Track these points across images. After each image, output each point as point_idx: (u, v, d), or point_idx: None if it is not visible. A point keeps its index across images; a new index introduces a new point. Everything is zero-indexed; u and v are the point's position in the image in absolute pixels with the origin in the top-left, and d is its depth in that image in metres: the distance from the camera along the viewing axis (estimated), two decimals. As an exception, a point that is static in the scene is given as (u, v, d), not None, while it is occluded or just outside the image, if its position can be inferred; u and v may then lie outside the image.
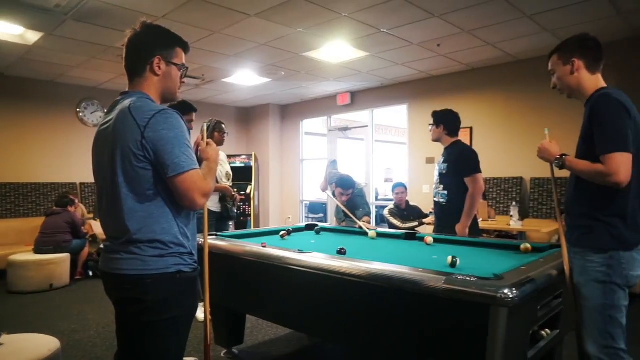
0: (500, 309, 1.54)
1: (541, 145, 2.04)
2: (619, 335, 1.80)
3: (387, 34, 4.90)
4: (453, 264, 2.03)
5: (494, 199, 5.93)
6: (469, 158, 3.26)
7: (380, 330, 1.93)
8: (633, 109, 1.83)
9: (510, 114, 5.99)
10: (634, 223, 1.85)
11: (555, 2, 4.10)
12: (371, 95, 7.68)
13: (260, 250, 2.43)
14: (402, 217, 4.98)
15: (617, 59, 4.99)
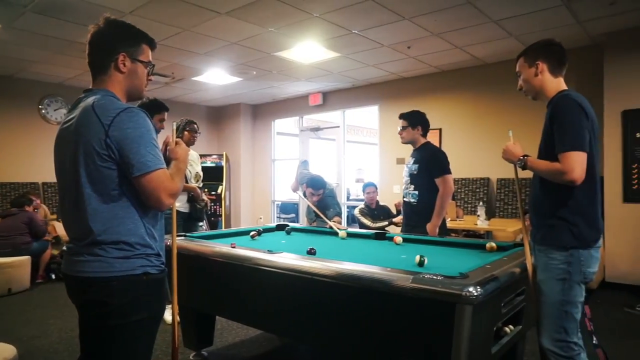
0: (466, 307, 1.57)
1: (505, 146, 2.11)
2: (573, 329, 1.88)
3: (358, 35, 4.94)
4: (421, 263, 2.06)
5: (462, 199, 6.07)
6: (440, 159, 3.34)
7: (350, 330, 1.94)
8: (591, 111, 1.91)
9: (478, 116, 6.15)
10: (594, 222, 1.93)
11: (519, 9, 4.24)
12: (343, 96, 7.72)
13: (229, 250, 2.40)
14: (372, 216, 5.03)
15: (576, 65, 5.19)
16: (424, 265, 2.05)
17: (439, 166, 3.30)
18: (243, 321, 2.76)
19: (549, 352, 1.91)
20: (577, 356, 1.87)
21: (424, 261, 2.07)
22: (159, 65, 6.04)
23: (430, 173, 3.31)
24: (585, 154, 1.83)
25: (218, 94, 8.17)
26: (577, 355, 1.87)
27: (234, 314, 2.62)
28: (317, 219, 4.24)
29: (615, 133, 4.83)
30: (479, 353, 1.77)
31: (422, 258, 2.08)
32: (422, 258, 2.08)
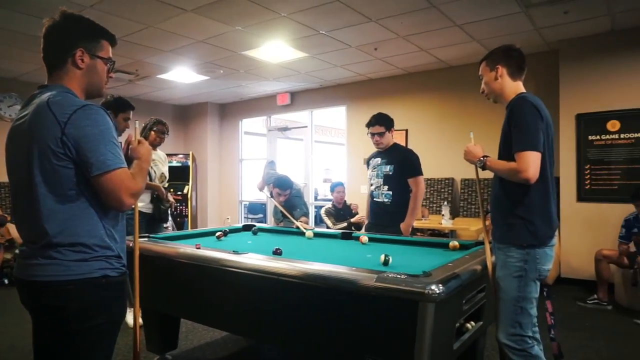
0: (428, 304, 1.60)
1: (466, 148, 2.17)
2: (527, 324, 1.96)
3: (325, 35, 4.96)
4: (386, 263, 2.09)
5: (427, 198, 6.20)
6: (414, 160, 3.44)
7: (317, 330, 1.95)
8: (546, 114, 1.99)
9: (443, 117, 6.29)
10: (549, 220, 2.01)
11: (481, 14, 4.37)
12: (310, 96, 7.74)
13: (194, 251, 2.36)
14: (338, 216, 5.05)
15: (535, 69, 5.38)
16: (389, 264, 2.08)
17: (413, 167, 3.41)
18: (209, 323, 2.72)
19: (505, 345, 1.98)
20: (530, 349, 1.95)
21: (389, 260, 2.10)
22: (122, 62, 5.87)
23: (404, 174, 3.39)
24: (540, 153, 1.90)
25: (184, 93, 8.02)
26: (530, 348, 1.95)
27: (200, 316, 2.58)
28: (284, 219, 4.23)
29: (569, 135, 5.05)
30: (441, 349, 1.81)
31: (386, 257, 2.11)
32: (387, 257, 2.11)
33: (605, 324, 3.82)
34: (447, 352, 1.90)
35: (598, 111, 4.89)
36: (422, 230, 5.27)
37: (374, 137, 3.48)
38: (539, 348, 1.98)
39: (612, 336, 3.51)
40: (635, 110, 4.69)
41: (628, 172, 4.75)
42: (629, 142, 4.74)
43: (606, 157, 4.87)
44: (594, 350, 3.22)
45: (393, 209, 3.39)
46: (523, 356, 1.95)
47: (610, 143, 4.84)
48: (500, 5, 4.15)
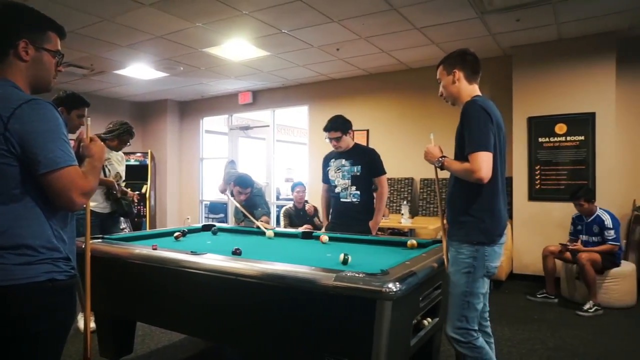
0: (385, 302, 1.63)
1: (426, 148, 2.23)
2: (473, 318, 2.04)
3: (287, 35, 4.95)
4: (345, 262, 2.11)
5: (387, 198, 6.29)
6: (379, 160, 3.54)
7: (277, 330, 1.94)
8: (495, 116, 2.07)
9: (403, 118, 6.42)
10: (499, 219, 2.09)
11: (440, 18, 4.49)
12: (273, 95, 7.70)
13: (150, 253, 2.30)
14: (297, 217, 5.05)
15: (490, 74, 5.60)
16: (348, 263, 2.11)
17: (378, 167, 3.51)
18: (167, 326, 2.66)
19: (452, 339, 2.07)
20: (475, 341, 2.04)
21: (348, 259, 2.12)
22: (76, 56, 5.64)
23: (370, 173, 3.47)
24: (491, 154, 1.98)
25: (143, 89, 7.78)
26: (475, 340, 2.04)
27: (157, 319, 2.51)
28: (245, 219, 4.19)
29: (522, 137, 5.28)
30: (399, 346, 1.85)
31: (345, 256, 2.13)
32: (346, 256, 2.13)
33: (551, 315, 4.03)
34: (405, 348, 1.94)
35: (547, 114, 5.14)
36: (383, 229, 5.36)
37: (332, 141, 3.52)
38: (482, 340, 2.07)
39: (556, 327, 3.71)
40: (580, 115, 4.96)
41: (573, 173, 5.02)
42: (574, 144, 5.01)
43: (554, 159, 5.12)
44: (540, 341, 3.38)
45: (361, 208, 3.47)
46: (468, 348, 2.03)
47: (558, 145, 5.10)
48: (458, 10, 4.28)
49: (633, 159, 5.06)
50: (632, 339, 3.45)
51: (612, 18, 4.50)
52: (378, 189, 3.50)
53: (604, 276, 4.25)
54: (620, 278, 4.26)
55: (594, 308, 4.06)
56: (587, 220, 4.43)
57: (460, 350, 2.06)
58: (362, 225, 3.40)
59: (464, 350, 2.04)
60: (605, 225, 4.29)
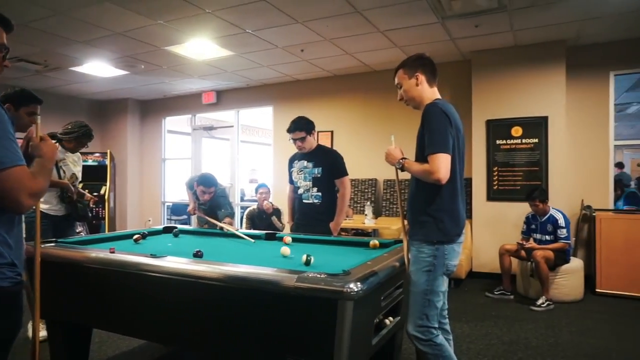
0: (347, 302, 1.65)
1: (387, 150, 2.26)
2: (433, 315, 2.09)
3: (252, 35, 4.91)
4: (307, 262, 2.12)
5: (351, 199, 6.36)
6: (340, 162, 3.54)
7: (239, 333, 1.92)
8: (455, 118, 2.13)
9: (367, 120, 6.50)
10: (457, 219, 2.15)
11: (403, 22, 4.58)
12: (237, 95, 7.62)
13: (106, 256, 2.22)
14: (260, 219, 5.02)
15: (451, 77, 5.78)
16: (311, 264, 2.11)
17: (340, 169, 3.51)
18: (125, 332, 2.57)
19: (413, 337, 2.10)
20: (435, 338, 2.08)
21: (311, 260, 2.13)
22: (27, 51, 5.39)
23: (332, 174, 3.47)
24: (449, 155, 2.04)
25: (102, 87, 7.52)
26: (435, 337, 2.08)
27: (115, 325, 2.43)
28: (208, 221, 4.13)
29: (481, 139, 5.46)
30: (360, 345, 1.87)
31: (308, 257, 2.14)
32: (309, 257, 2.14)
33: (508, 311, 4.18)
34: (366, 347, 1.97)
35: (504, 118, 5.33)
36: (347, 230, 5.41)
37: (296, 142, 3.52)
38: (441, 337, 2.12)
39: (512, 322, 3.86)
40: (534, 118, 5.19)
41: (528, 174, 5.24)
42: (529, 146, 5.23)
43: (511, 160, 5.32)
44: (496, 337, 3.51)
45: (322, 210, 3.47)
46: (429, 345, 2.07)
47: (514, 147, 5.30)
48: (420, 15, 4.37)
49: (581, 160, 5.33)
50: (580, 331, 3.64)
51: (562, 27, 4.73)
52: (340, 190, 3.51)
53: (555, 272, 4.45)
54: (570, 274, 4.48)
55: (546, 303, 4.25)
56: (541, 220, 4.62)
57: (420, 347, 2.09)
58: (324, 226, 3.41)
59: (424, 348, 2.08)
60: (558, 224, 4.50)
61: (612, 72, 5.22)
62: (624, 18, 4.51)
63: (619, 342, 3.39)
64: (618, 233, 4.64)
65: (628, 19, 4.54)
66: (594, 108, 5.28)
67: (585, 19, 4.51)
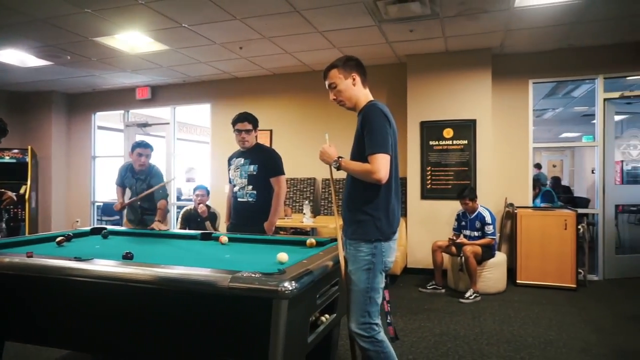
0: (282, 301, 1.66)
1: (322, 148, 2.29)
2: (375, 312, 2.14)
3: (188, 29, 4.77)
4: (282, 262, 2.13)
5: (290, 197, 6.38)
6: (277, 160, 3.49)
7: (173, 336, 1.87)
8: (392, 120, 2.20)
9: (306, 119, 6.55)
10: (394, 217, 2.22)
11: (341, 24, 4.66)
12: (173, 91, 7.37)
13: (23, 261, 2.06)
14: (195, 221, 4.88)
15: (388, 80, 5.97)
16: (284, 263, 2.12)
17: (275, 167, 3.45)
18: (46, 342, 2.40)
19: (355, 334, 2.14)
20: (377, 334, 2.13)
21: (284, 259, 2.15)
22: None
23: (267, 173, 3.42)
24: (389, 156, 2.10)
25: (22, 78, 6.95)
26: (377, 334, 2.13)
27: (32, 336, 2.26)
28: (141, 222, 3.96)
29: (415, 140, 5.68)
30: (296, 344, 1.88)
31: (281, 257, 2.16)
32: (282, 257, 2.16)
33: (439, 305, 4.40)
34: (302, 346, 1.99)
35: (437, 120, 5.59)
36: (285, 229, 5.42)
37: (241, 134, 3.44)
38: (382, 333, 2.18)
39: (443, 315, 4.06)
40: (464, 121, 5.49)
41: (458, 174, 5.53)
42: (459, 147, 5.52)
43: (443, 161, 5.59)
44: (428, 329, 3.68)
45: (257, 209, 3.40)
46: (371, 342, 2.12)
47: (446, 148, 5.57)
48: (358, 17, 4.47)
49: (505, 161, 5.71)
50: (502, 319, 3.91)
51: (487, 37, 5.05)
52: (275, 189, 3.44)
53: (482, 266, 4.74)
54: (494, 267, 4.80)
55: (473, 295, 4.51)
56: (470, 217, 4.90)
57: (362, 345, 2.12)
58: (259, 225, 3.37)
59: (366, 345, 2.12)
60: (485, 221, 4.80)
61: (531, 80, 5.65)
62: (537, 32, 4.90)
63: (535, 328, 3.68)
64: (535, 228, 5.03)
65: (541, 34, 4.95)
66: (516, 113, 5.68)
67: (507, 30, 4.84)
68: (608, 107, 5.44)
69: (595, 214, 5.61)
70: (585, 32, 4.92)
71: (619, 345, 3.34)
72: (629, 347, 3.30)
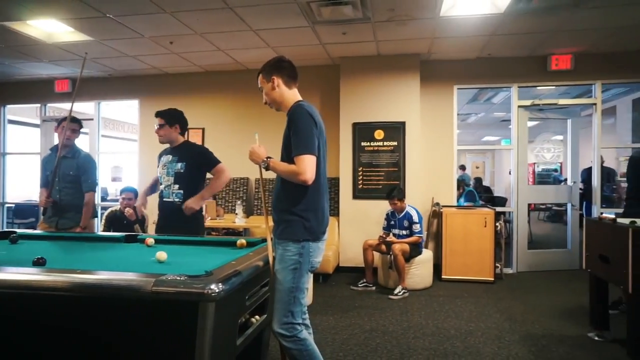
0: (208, 304, 1.62)
1: (251, 148, 2.27)
2: (298, 312, 2.17)
3: (114, 20, 4.52)
4: (160, 262, 2.07)
5: (223, 197, 6.26)
6: (208, 153, 3.35)
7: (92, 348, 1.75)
8: (319, 120, 2.23)
9: (240, 118, 6.45)
10: (322, 217, 2.26)
11: (275, 23, 4.65)
12: (98, 85, 6.93)
13: None
14: (121, 224, 4.62)
15: (322, 81, 6.05)
16: (164, 262, 2.08)
17: (209, 160, 3.29)
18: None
19: (278, 334, 2.16)
20: (299, 334, 2.16)
21: (162, 258, 2.10)
22: None
23: (200, 169, 3.29)
24: (315, 157, 2.13)
25: None
26: (299, 333, 2.16)
27: None
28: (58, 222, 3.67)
29: (347, 141, 5.81)
30: (224, 347, 1.85)
31: (160, 255, 2.11)
32: (161, 256, 2.11)
33: (370, 302, 4.53)
34: (231, 348, 1.95)
35: (369, 121, 5.75)
36: (217, 230, 5.30)
37: (155, 128, 3.33)
38: (305, 332, 2.21)
39: (373, 311, 4.19)
40: (394, 123, 5.70)
41: (388, 174, 5.73)
42: (389, 149, 5.73)
43: (374, 161, 5.76)
44: (358, 326, 3.78)
45: (183, 209, 3.21)
46: (292, 341, 2.14)
47: (377, 149, 5.75)
48: (291, 18, 4.48)
49: (432, 162, 6.00)
50: (427, 314, 4.11)
51: (416, 43, 5.28)
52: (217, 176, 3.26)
53: (410, 264, 4.94)
54: (422, 264, 5.03)
55: (402, 292, 4.70)
56: (399, 216, 5.09)
57: (285, 344, 2.14)
58: (186, 226, 3.19)
59: (288, 344, 2.13)
60: (413, 220, 5.01)
61: (456, 86, 5.99)
62: (461, 41, 5.22)
63: (457, 320, 3.91)
64: (458, 226, 5.34)
65: (464, 43, 5.27)
66: (442, 116, 5.99)
67: (434, 38, 5.10)
68: (521, 113, 5.90)
69: (511, 212, 6.06)
70: (501, 43, 5.31)
71: (528, 331, 3.64)
72: (536, 333, 3.61)
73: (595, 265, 3.37)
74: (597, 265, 3.34)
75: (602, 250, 3.24)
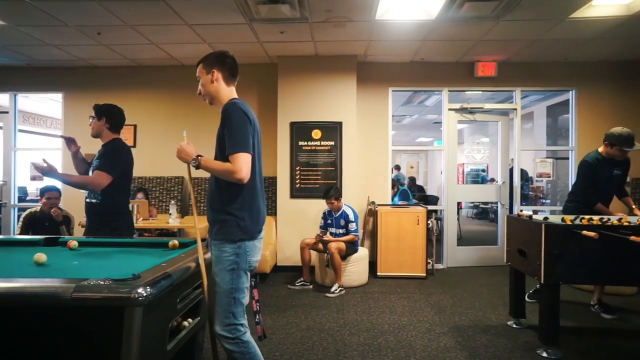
0: (135, 309, 1.56)
1: (179, 146, 2.20)
2: (240, 313, 2.13)
3: (32, 5, 4.18)
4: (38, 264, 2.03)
5: (156, 197, 6.01)
6: (108, 154, 3.05)
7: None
8: (254, 118, 2.20)
9: (175, 115, 6.23)
10: (258, 216, 2.23)
11: (211, 19, 4.53)
12: (14, 76, 6.38)
13: None
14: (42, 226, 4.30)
15: (259, 79, 6.00)
16: (42, 263, 2.03)
17: (103, 161, 3.01)
18: None
19: (220, 336, 2.10)
20: (242, 335, 2.12)
21: (41, 260, 2.05)
22: None
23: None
24: (250, 155, 2.10)
25: None
26: (242, 335, 2.12)
27: None
28: None
29: (285, 140, 5.80)
30: (153, 352, 1.78)
31: (39, 257, 2.06)
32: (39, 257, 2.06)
33: (307, 300, 4.56)
34: (161, 353, 1.89)
35: (306, 121, 5.78)
36: (150, 231, 5.09)
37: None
38: (249, 334, 2.17)
39: (310, 310, 4.22)
40: (331, 123, 5.77)
41: (326, 174, 5.80)
42: (326, 148, 5.79)
43: (312, 161, 5.80)
44: (295, 325, 3.79)
45: (101, 210, 3.02)
46: (235, 343, 2.10)
47: (315, 149, 5.80)
48: (228, 14, 4.39)
49: (368, 162, 6.16)
50: (363, 310, 4.21)
51: (353, 44, 5.39)
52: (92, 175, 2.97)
53: (346, 262, 5.04)
54: (357, 262, 5.14)
55: (338, 289, 4.78)
56: (336, 215, 5.17)
57: (227, 346, 2.09)
58: (104, 229, 2.99)
59: (230, 347, 2.09)
60: (349, 219, 5.10)
61: (391, 88, 6.18)
62: (395, 45, 5.39)
63: (391, 315, 4.04)
64: (393, 224, 5.52)
65: (398, 46, 5.45)
66: (378, 117, 6.16)
67: (370, 40, 5.23)
68: (451, 116, 6.22)
69: (442, 210, 6.37)
70: (433, 49, 5.56)
71: (456, 323, 3.84)
72: (463, 324, 3.82)
73: (515, 259, 3.62)
74: (516, 259, 3.60)
75: (521, 245, 3.50)
